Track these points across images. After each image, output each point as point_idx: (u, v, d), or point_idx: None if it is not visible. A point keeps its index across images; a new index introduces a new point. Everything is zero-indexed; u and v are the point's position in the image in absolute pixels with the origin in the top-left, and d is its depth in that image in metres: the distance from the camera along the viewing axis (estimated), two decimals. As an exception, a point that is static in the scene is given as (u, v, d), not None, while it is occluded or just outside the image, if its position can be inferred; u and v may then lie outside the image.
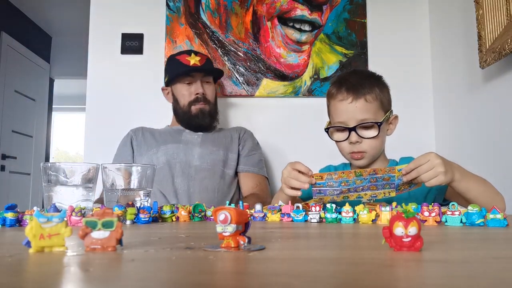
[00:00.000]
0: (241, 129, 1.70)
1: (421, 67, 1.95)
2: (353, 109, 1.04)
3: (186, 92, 1.58)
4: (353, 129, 1.03)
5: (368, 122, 1.03)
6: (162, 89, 1.70)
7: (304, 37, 1.91)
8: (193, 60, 1.56)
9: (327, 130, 1.10)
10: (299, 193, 0.94)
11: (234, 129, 1.71)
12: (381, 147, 1.09)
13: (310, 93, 1.90)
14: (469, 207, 0.67)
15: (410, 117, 1.85)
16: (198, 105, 1.57)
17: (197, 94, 1.56)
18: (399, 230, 0.37)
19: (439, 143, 1.90)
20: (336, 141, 1.09)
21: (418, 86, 1.94)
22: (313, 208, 0.77)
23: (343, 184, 0.90)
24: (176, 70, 1.57)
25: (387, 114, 1.07)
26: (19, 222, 0.69)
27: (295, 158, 1.02)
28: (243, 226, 0.41)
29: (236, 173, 1.61)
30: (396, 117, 1.12)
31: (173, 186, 1.48)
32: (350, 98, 1.04)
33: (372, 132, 1.04)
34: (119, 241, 0.40)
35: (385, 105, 1.08)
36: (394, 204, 0.76)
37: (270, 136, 1.91)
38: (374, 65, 1.91)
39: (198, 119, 1.57)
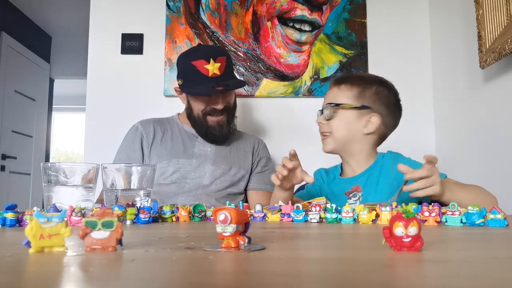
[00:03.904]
0: (255, 141, 1.60)
1: (421, 67, 1.95)
2: (328, 94, 1.17)
3: (202, 103, 1.43)
4: (322, 110, 1.15)
5: (328, 104, 1.13)
6: (175, 89, 1.53)
7: (304, 37, 1.91)
8: (212, 69, 1.38)
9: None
10: (277, 182, 1.02)
11: (248, 140, 1.59)
12: (347, 136, 1.13)
13: (310, 93, 1.90)
14: (469, 207, 0.67)
15: (410, 117, 1.84)
16: (215, 117, 1.43)
17: (214, 107, 1.42)
18: (399, 230, 0.37)
19: (439, 143, 1.90)
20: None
21: (418, 86, 1.94)
22: (313, 208, 0.77)
23: None
24: (193, 83, 1.39)
25: (351, 104, 1.12)
26: (19, 222, 0.69)
27: (295, 158, 1.03)
28: (243, 226, 0.41)
29: (243, 189, 1.53)
30: (377, 117, 1.12)
31: (176, 202, 1.41)
32: (330, 86, 1.18)
33: (330, 114, 1.13)
34: (119, 241, 0.40)
35: (361, 99, 1.12)
36: (394, 204, 0.76)
37: (270, 137, 1.91)
38: (374, 65, 1.91)
39: (216, 131, 1.44)
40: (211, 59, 1.38)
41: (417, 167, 0.97)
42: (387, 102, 1.14)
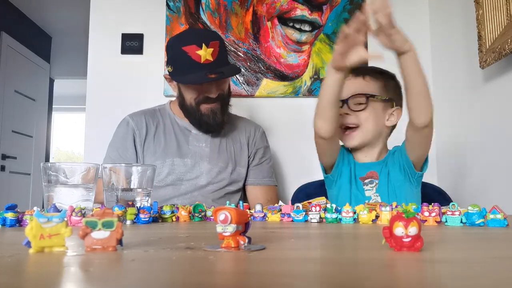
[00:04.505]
0: (250, 130, 1.52)
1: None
2: (351, 84, 1.11)
3: (194, 91, 1.34)
4: (346, 101, 1.10)
5: (359, 94, 1.09)
6: (165, 77, 1.45)
7: (304, 37, 1.91)
8: (205, 54, 1.27)
9: None
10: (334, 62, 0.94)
11: (244, 129, 1.52)
12: (374, 128, 1.12)
13: (310, 93, 1.90)
14: (469, 207, 0.67)
15: (410, 117, 1.85)
16: (209, 104, 1.35)
17: (207, 95, 1.34)
18: (399, 230, 0.37)
19: (439, 143, 1.90)
20: None
21: (418, 86, 1.93)
22: (313, 208, 0.77)
23: None
24: (184, 71, 1.31)
25: (382, 96, 1.12)
26: (19, 222, 0.69)
27: (295, 159, 1.04)
28: (243, 226, 0.41)
29: (242, 185, 1.48)
30: (400, 110, 1.15)
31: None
32: (350, 76, 1.10)
33: (362, 106, 1.09)
34: (119, 241, 0.40)
35: (386, 92, 1.12)
36: (394, 204, 0.76)
37: (270, 137, 1.90)
38: (374, 65, 1.91)
39: (210, 119, 1.36)
40: (203, 44, 1.27)
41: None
42: (402, 96, 1.15)
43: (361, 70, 1.16)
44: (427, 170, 1.11)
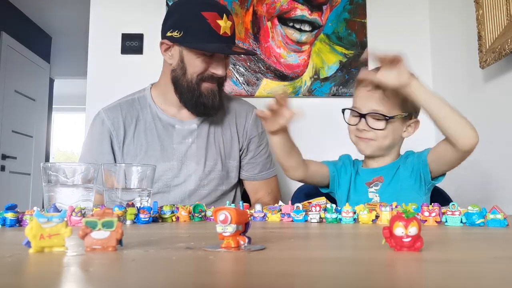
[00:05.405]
0: (241, 114, 1.38)
1: (421, 68, 1.95)
2: (370, 97, 1.07)
3: (202, 64, 1.19)
4: (364, 116, 1.07)
5: (377, 113, 1.05)
6: (162, 44, 1.27)
7: (304, 37, 1.91)
8: (225, 26, 1.15)
9: (343, 110, 1.14)
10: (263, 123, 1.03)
11: (234, 113, 1.37)
12: (391, 143, 1.09)
13: (310, 93, 1.90)
14: (469, 207, 0.67)
15: (410, 117, 1.85)
16: (210, 85, 1.22)
17: (214, 73, 1.21)
18: (399, 230, 0.37)
19: (439, 143, 1.90)
20: (347, 123, 1.13)
21: (418, 86, 1.94)
22: (313, 208, 0.77)
23: None
24: (201, 38, 1.16)
25: (402, 114, 1.07)
26: (19, 222, 0.69)
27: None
28: (243, 226, 0.41)
29: (237, 179, 1.38)
30: (417, 122, 1.12)
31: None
32: (370, 86, 1.07)
33: (380, 124, 1.05)
34: (119, 241, 0.40)
35: (405, 107, 1.07)
36: (394, 204, 0.76)
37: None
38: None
39: (209, 101, 1.23)
40: (225, 15, 1.16)
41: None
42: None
43: None
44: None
